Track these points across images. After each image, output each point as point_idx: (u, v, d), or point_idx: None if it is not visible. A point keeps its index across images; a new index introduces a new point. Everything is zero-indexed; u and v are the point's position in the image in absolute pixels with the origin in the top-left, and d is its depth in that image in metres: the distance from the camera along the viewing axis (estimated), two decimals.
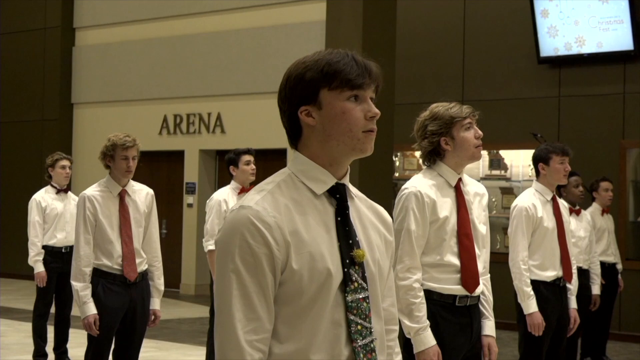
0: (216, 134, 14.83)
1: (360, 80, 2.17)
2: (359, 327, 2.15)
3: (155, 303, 5.79)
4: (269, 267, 2.09)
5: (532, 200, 5.72)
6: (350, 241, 2.18)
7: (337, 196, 2.21)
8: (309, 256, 2.11)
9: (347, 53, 2.20)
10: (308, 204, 2.17)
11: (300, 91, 2.19)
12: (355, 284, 2.16)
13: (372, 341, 2.18)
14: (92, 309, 5.47)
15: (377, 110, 2.20)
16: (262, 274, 2.08)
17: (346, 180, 2.24)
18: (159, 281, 5.82)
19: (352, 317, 2.14)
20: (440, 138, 4.10)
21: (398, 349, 2.41)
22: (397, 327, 2.40)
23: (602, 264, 8.65)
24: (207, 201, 7.37)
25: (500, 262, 7.95)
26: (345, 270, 2.15)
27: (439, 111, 4.13)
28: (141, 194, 5.82)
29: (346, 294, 2.15)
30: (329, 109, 2.18)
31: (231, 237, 2.10)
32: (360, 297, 2.17)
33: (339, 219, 2.19)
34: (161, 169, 15.46)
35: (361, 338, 2.15)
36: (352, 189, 2.28)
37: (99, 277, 5.58)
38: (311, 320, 2.11)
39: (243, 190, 7.29)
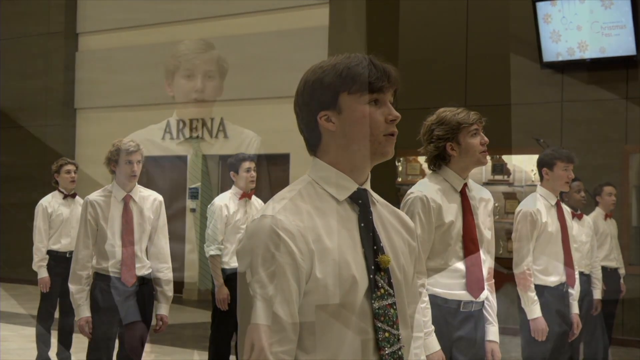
0: (219, 139, 14.83)
1: (379, 83, 2.16)
2: (387, 334, 2.10)
3: (163, 308, 5.80)
4: (293, 277, 2.02)
5: (536, 205, 5.70)
6: (375, 247, 2.13)
7: (360, 202, 2.17)
8: (333, 264, 2.05)
9: (364, 57, 2.18)
10: (330, 211, 2.12)
11: (319, 96, 2.15)
12: (382, 290, 2.11)
13: (399, 349, 2.12)
14: (85, 312, 5.53)
15: (397, 114, 2.18)
16: (286, 284, 2.02)
17: (367, 186, 2.20)
18: (167, 287, 5.83)
19: (379, 325, 2.09)
20: (446, 143, 4.10)
21: (424, 357, 2.36)
22: (422, 334, 2.36)
23: (604, 268, 8.63)
24: (209, 206, 7.34)
25: (503, 267, 7.94)
26: (371, 276, 2.10)
27: (446, 116, 4.12)
28: (148, 200, 5.84)
29: (373, 301, 2.09)
30: (349, 113, 2.15)
31: (253, 247, 2.04)
32: (387, 303, 2.11)
33: (362, 225, 2.14)
34: (164, 174, 15.46)
35: (389, 346, 2.10)
36: (374, 195, 2.24)
37: (99, 280, 5.63)
38: (337, 329, 2.05)
39: (244, 196, 7.23)
